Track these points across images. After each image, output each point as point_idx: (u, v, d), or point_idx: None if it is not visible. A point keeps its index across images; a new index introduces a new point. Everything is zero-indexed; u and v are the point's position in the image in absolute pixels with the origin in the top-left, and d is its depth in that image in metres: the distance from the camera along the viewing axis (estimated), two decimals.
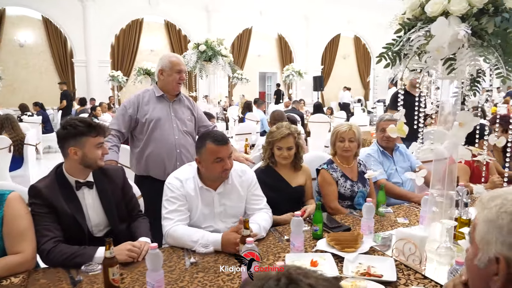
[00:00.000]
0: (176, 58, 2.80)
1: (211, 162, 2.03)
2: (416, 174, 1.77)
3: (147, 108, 2.73)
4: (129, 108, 2.73)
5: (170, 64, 2.73)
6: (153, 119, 2.71)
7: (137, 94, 2.80)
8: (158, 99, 2.78)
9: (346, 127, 2.63)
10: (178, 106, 2.85)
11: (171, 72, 2.74)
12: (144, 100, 2.76)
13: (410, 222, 2.30)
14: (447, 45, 1.46)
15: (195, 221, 2.11)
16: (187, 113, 2.88)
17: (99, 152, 1.92)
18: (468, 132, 1.67)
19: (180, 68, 2.76)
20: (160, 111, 2.75)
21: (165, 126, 2.74)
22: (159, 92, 2.79)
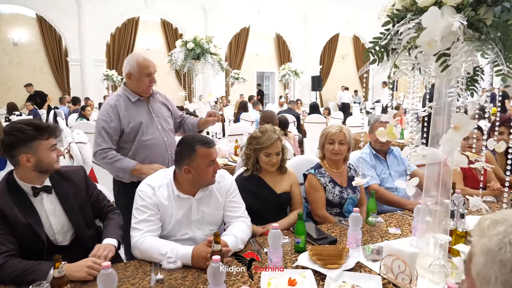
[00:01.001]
0: (144, 59, 2.52)
1: (205, 167, 1.89)
2: (408, 182, 1.60)
3: (128, 115, 2.50)
4: (111, 122, 2.47)
5: (138, 68, 2.48)
6: (139, 125, 2.51)
7: (111, 105, 2.50)
8: (134, 104, 2.55)
9: (336, 128, 2.46)
10: (155, 104, 2.66)
11: (139, 76, 2.49)
12: (121, 109, 2.50)
13: (403, 233, 2.12)
14: (440, 39, 1.28)
15: (170, 231, 1.95)
16: (164, 109, 2.72)
17: (53, 155, 1.77)
18: None
19: (149, 71, 2.50)
20: (141, 115, 2.54)
21: (151, 129, 2.56)
22: (134, 97, 2.54)
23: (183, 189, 1.95)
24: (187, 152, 1.88)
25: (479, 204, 1.51)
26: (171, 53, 4.26)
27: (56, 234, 1.81)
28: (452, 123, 1.48)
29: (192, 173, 1.89)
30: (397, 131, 1.69)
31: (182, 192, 1.94)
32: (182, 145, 1.92)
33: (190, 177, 1.90)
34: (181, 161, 1.90)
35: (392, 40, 1.43)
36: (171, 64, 4.32)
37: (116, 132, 2.48)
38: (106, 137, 2.46)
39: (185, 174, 1.90)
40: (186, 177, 1.91)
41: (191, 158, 1.88)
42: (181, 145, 1.92)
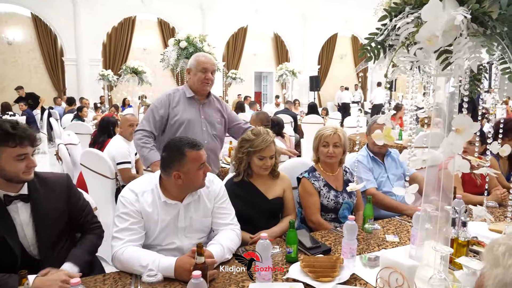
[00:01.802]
0: (204, 57, 2.67)
1: (196, 170, 1.79)
2: (406, 189, 1.49)
3: (177, 109, 2.61)
4: (161, 108, 2.60)
5: (196, 63, 2.62)
6: (184, 121, 2.59)
7: (168, 94, 2.66)
8: (188, 100, 2.66)
9: (330, 130, 2.34)
10: (208, 108, 2.73)
11: (196, 71, 2.62)
12: (174, 100, 2.63)
13: (401, 241, 2.01)
14: (441, 34, 1.17)
15: (154, 239, 1.83)
16: (217, 115, 2.76)
17: (20, 165, 1.59)
18: None
19: (205, 67, 2.61)
20: (190, 113, 2.63)
21: (195, 129, 2.61)
22: (190, 93, 2.66)
23: (170, 194, 1.84)
24: (175, 156, 1.77)
25: (484, 214, 1.40)
26: (164, 52, 4.14)
27: (31, 246, 1.68)
28: (454, 125, 1.37)
29: (183, 178, 1.78)
30: (395, 133, 1.58)
31: (169, 197, 1.83)
32: (169, 150, 1.80)
33: (180, 183, 1.79)
34: (169, 167, 1.78)
35: (389, 36, 1.32)
36: (164, 63, 4.19)
37: (162, 120, 2.60)
38: (151, 121, 2.59)
39: (174, 180, 1.78)
40: (175, 182, 1.79)
41: (180, 162, 1.76)
42: (169, 150, 1.81)
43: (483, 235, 1.99)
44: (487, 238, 1.96)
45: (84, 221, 1.89)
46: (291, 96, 14.54)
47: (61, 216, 1.78)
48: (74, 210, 1.85)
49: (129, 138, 3.58)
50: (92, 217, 1.94)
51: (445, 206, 1.57)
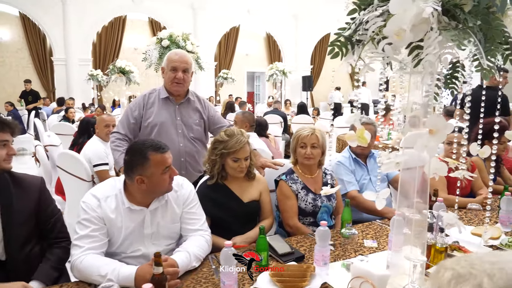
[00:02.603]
0: (175, 54, 2.47)
1: (160, 174, 1.69)
2: (377, 195, 1.41)
3: (151, 111, 2.47)
4: (135, 110, 2.47)
5: (167, 61, 2.44)
6: (156, 124, 2.44)
7: (143, 95, 2.53)
8: (163, 101, 2.50)
9: (308, 131, 2.26)
10: (185, 109, 2.54)
11: (167, 69, 2.45)
12: (149, 102, 2.49)
13: (379, 246, 1.93)
14: (409, 28, 1.09)
15: (119, 247, 1.74)
16: (195, 116, 2.57)
17: (1, 152, 1.58)
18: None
19: (174, 66, 2.42)
20: (164, 115, 2.47)
21: (169, 132, 2.45)
22: (164, 94, 2.50)
23: (135, 200, 1.74)
24: (138, 160, 1.67)
25: (454, 222, 1.32)
26: (145, 51, 4.04)
27: None
28: (427, 126, 1.29)
29: (146, 183, 1.68)
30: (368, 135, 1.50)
31: (134, 203, 1.74)
32: (132, 153, 1.71)
33: (144, 188, 1.70)
34: (132, 171, 1.69)
35: (357, 31, 1.23)
36: (146, 62, 4.09)
37: (136, 123, 2.48)
38: (126, 123, 2.47)
39: (138, 185, 1.69)
40: (139, 187, 1.70)
41: (143, 166, 1.67)
42: (131, 153, 1.71)
43: (465, 240, 1.91)
44: (469, 243, 1.89)
45: (53, 228, 1.81)
46: (283, 96, 14.47)
47: (31, 218, 1.72)
48: (43, 214, 1.78)
49: (105, 139, 3.48)
50: (61, 225, 1.86)
51: (421, 211, 1.49)
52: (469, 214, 2.41)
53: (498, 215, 2.31)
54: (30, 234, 1.72)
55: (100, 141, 3.46)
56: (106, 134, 3.49)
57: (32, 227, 1.74)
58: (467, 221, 2.32)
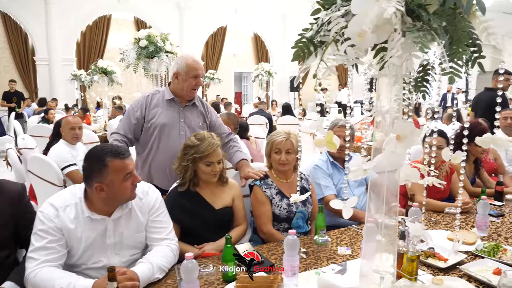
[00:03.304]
0: (194, 61, 2.47)
1: (121, 181, 1.61)
2: (344, 204, 1.35)
3: (155, 112, 2.46)
4: (137, 110, 2.46)
5: (187, 68, 2.43)
6: (159, 125, 2.45)
7: (146, 95, 2.52)
8: (168, 102, 2.49)
9: (282, 136, 2.19)
10: (190, 111, 2.56)
11: (186, 77, 2.44)
12: (152, 102, 2.48)
13: (353, 253, 1.88)
14: (371, 28, 1.03)
15: (79, 258, 1.65)
16: (198, 119, 2.59)
17: None
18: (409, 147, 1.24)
19: (197, 73, 2.46)
20: (168, 116, 2.47)
21: (172, 134, 2.46)
22: (169, 95, 2.49)
23: (97, 208, 1.66)
24: (96, 167, 1.59)
25: (421, 234, 1.26)
26: (123, 51, 3.94)
27: None
28: (394, 131, 1.23)
29: (106, 191, 1.60)
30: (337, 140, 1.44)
31: (95, 212, 1.65)
32: (89, 160, 1.62)
33: (104, 196, 1.61)
34: (90, 179, 1.60)
35: (320, 32, 1.17)
36: (124, 62, 3.99)
37: (138, 123, 2.46)
38: (127, 123, 2.47)
39: (97, 193, 1.61)
40: (99, 195, 1.62)
41: (102, 174, 1.59)
42: (89, 160, 1.62)
43: (440, 246, 1.86)
44: (445, 249, 1.84)
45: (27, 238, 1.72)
46: (271, 96, 14.42)
47: (7, 224, 1.67)
48: (22, 222, 1.73)
49: (72, 142, 3.37)
50: None
51: (390, 218, 1.44)
52: (447, 218, 2.37)
53: (475, 218, 2.28)
54: (5, 240, 1.68)
55: (65, 144, 3.34)
56: (73, 137, 3.38)
57: (9, 234, 1.69)
58: (445, 225, 2.28)
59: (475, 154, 2.95)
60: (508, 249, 1.84)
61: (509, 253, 1.80)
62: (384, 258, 1.46)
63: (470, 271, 1.63)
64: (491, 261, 1.75)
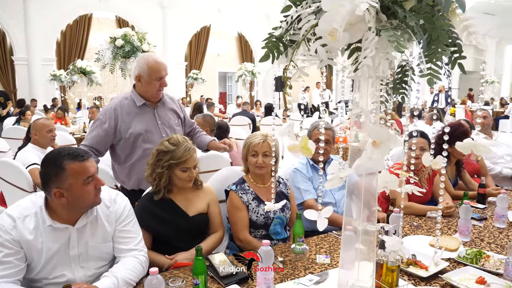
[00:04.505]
0: (156, 62, 2.37)
1: (81, 185, 1.50)
2: (319, 214, 1.27)
3: (129, 120, 2.37)
4: (105, 122, 2.35)
5: (149, 71, 2.34)
6: (140, 133, 2.37)
7: (113, 107, 2.39)
8: (140, 108, 2.41)
9: (259, 138, 2.11)
10: (163, 111, 2.50)
11: (149, 79, 2.36)
12: (123, 112, 2.38)
13: (332, 262, 1.80)
14: (344, 27, 0.94)
15: (39, 272, 1.54)
16: (173, 117, 2.55)
17: None
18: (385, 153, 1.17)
19: (161, 75, 2.38)
20: (145, 122, 2.40)
21: (154, 138, 2.38)
22: (140, 101, 2.41)
23: (59, 217, 1.55)
24: (53, 171, 1.48)
25: (398, 249, 1.19)
26: (98, 51, 3.80)
27: None
28: (371, 137, 1.15)
29: (66, 196, 1.49)
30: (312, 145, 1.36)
31: (57, 220, 1.54)
32: (46, 164, 1.51)
33: (64, 202, 1.50)
34: (48, 184, 1.49)
35: (289, 30, 1.09)
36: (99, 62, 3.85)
37: (108, 135, 2.36)
38: (94, 135, 2.37)
39: (57, 199, 1.50)
40: (59, 202, 1.50)
41: (59, 178, 1.48)
42: (45, 164, 1.51)
43: (422, 253, 1.80)
44: (426, 256, 1.77)
45: None
46: (255, 96, 14.34)
47: None
48: None
49: (49, 144, 3.22)
50: None
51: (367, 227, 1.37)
52: (429, 223, 2.32)
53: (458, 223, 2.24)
54: None
55: (35, 148, 3.18)
56: (51, 140, 3.23)
57: None
58: (427, 230, 2.23)
59: (456, 156, 2.92)
60: (491, 256, 1.79)
61: (492, 260, 1.75)
62: (362, 267, 1.39)
63: (452, 280, 1.57)
64: (473, 269, 1.69)
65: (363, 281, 1.22)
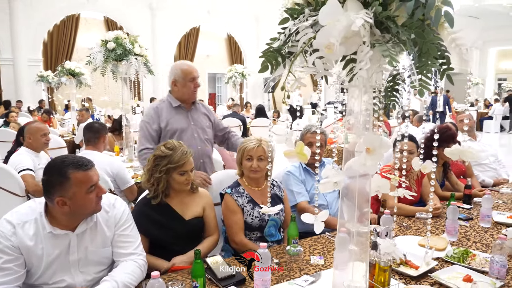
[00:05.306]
0: (188, 66, 2.69)
1: (84, 194, 1.52)
2: (316, 217, 1.32)
3: (167, 120, 2.64)
4: (153, 123, 2.63)
5: (183, 74, 2.63)
6: (175, 130, 2.63)
7: (154, 107, 2.69)
8: (175, 109, 2.68)
9: (254, 143, 2.15)
10: (196, 114, 2.75)
11: (184, 82, 2.63)
12: (162, 112, 2.66)
13: (326, 263, 1.86)
14: (339, 41, 1.00)
15: (39, 278, 1.55)
16: (205, 119, 2.79)
17: None
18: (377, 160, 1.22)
19: (193, 76, 2.65)
20: (179, 121, 2.66)
21: (187, 136, 2.63)
22: (175, 103, 2.68)
23: (59, 223, 1.56)
24: (57, 180, 1.50)
25: (392, 251, 1.25)
26: (89, 54, 3.80)
27: None
28: (364, 144, 1.21)
29: (69, 205, 1.51)
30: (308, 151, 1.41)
31: (57, 227, 1.56)
32: (49, 172, 1.53)
33: (67, 210, 1.52)
34: (51, 192, 1.51)
35: (287, 42, 1.14)
36: (91, 65, 3.85)
37: (157, 134, 2.63)
38: (149, 137, 2.61)
39: (59, 207, 1.51)
40: (61, 210, 1.52)
41: (63, 187, 1.50)
42: (49, 172, 1.53)
43: (412, 253, 1.86)
44: (416, 256, 1.84)
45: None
46: (245, 98, 14.38)
47: None
48: None
49: (42, 148, 3.21)
50: None
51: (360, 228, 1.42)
52: (418, 223, 2.40)
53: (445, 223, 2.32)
54: None
55: (29, 152, 3.17)
56: (44, 144, 3.22)
57: None
58: (416, 230, 2.30)
59: (444, 158, 3.00)
60: (477, 255, 1.87)
61: (478, 259, 1.83)
62: (356, 268, 1.44)
63: (441, 278, 1.64)
64: (460, 267, 1.76)
65: (358, 281, 1.27)
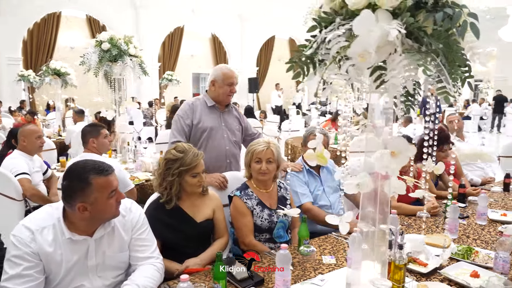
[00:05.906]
0: (229, 70, 2.79)
1: (106, 199, 1.52)
2: (340, 218, 1.36)
3: (200, 117, 2.73)
4: (186, 118, 2.72)
5: (223, 76, 2.73)
6: (206, 128, 2.71)
7: (189, 103, 2.79)
8: (209, 108, 2.78)
9: (263, 145, 2.19)
10: (228, 115, 2.85)
11: (222, 84, 2.73)
12: (197, 109, 2.75)
13: (337, 262, 1.90)
14: (374, 49, 1.04)
15: (59, 283, 1.55)
16: (235, 122, 2.89)
17: None
18: None
19: (232, 81, 2.75)
20: (211, 120, 2.75)
21: (217, 136, 2.74)
22: (210, 102, 2.78)
23: (78, 228, 1.55)
24: (78, 186, 1.49)
25: (422, 250, 1.30)
26: (84, 54, 3.74)
27: None
28: (389, 148, 1.26)
29: (90, 210, 1.50)
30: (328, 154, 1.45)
31: (76, 232, 1.55)
32: (70, 178, 1.52)
33: (88, 215, 1.51)
34: (72, 198, 1.50)
35: (319, 49, 1.17)
36: (85, 66, 3.79)
37: (189, 128, 2.71)
38: (182, 131, 2.69)
39: (80, 213, 1.50)
40: (82, 215, 1.51)
41: (85, 192, 1.49)
42: (70, 178, 1.52)
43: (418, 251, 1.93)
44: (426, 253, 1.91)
45: None
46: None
47: None
48: None
49: (34, 152, 3.16)
50: None
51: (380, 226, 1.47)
52: (418, 222, 2.48)
53: (444, 220, 2.41)
54: None
55: (23, 155, 3.11)
56: (39, 147, 3.17)
57: None
58: (417, 229, 2.38)
59: (438, 159, 3.10)
60: (479, 251, 1.96)
61: (481, 255, 1.91)
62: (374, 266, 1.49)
63: (450, 275, 1.71)
64: (466, 264, 1.84)
65: (383, 280, 1.32)
